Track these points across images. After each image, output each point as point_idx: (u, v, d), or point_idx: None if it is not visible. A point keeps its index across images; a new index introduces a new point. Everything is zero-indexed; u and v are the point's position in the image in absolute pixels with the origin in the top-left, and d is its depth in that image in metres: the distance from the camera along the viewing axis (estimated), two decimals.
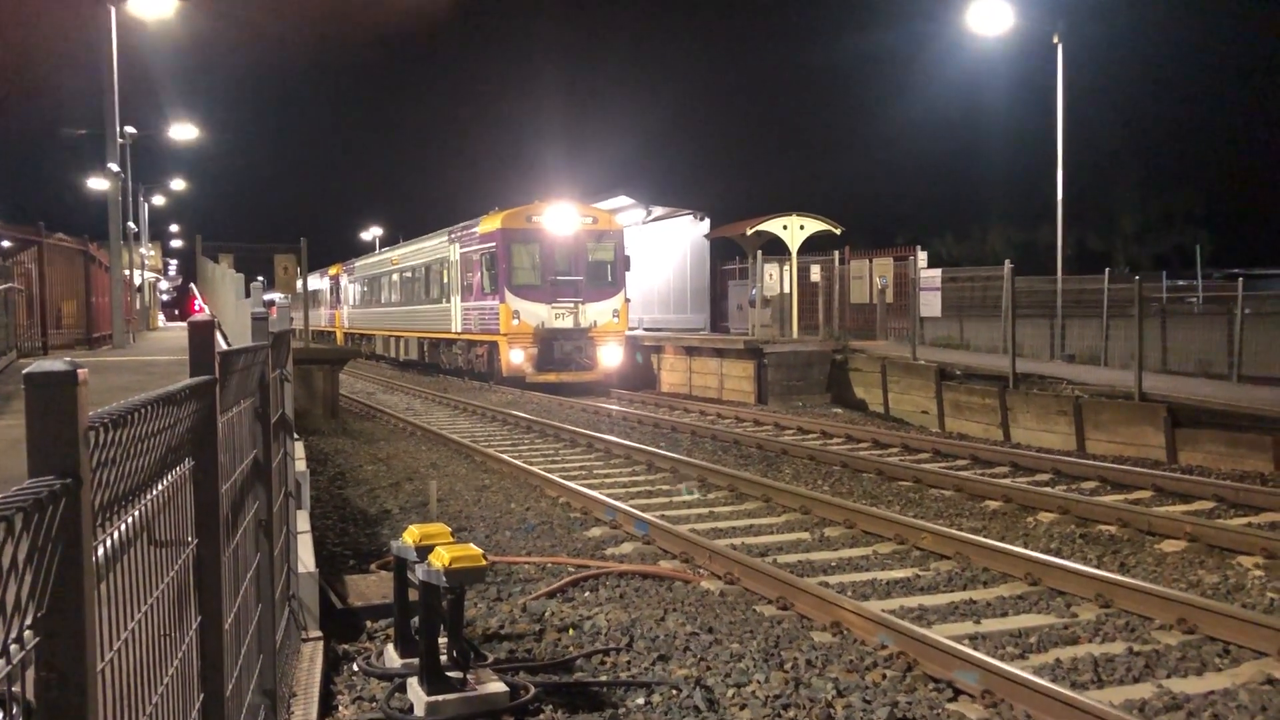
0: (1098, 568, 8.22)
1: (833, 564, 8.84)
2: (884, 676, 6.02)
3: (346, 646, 6.60)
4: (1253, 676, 5.98)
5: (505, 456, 14.72)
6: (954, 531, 9.35)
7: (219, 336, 3.52)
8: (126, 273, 25.65)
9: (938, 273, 24.05)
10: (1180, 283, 33.69)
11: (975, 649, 6.13)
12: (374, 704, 5.63)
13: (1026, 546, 9.02)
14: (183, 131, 33.43)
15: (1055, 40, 23.85)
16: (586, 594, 7.98)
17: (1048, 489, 11.59)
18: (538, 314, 26.62)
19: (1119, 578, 7.66)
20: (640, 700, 5.68)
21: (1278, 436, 13.10)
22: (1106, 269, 22.59)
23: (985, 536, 9.36)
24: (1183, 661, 6.25)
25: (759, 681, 5.85)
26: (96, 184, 34.39)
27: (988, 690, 5.62)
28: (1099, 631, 6.88)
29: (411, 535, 5.81)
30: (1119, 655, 6.36)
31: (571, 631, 6.90)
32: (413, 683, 5.53)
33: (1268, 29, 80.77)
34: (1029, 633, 6.85)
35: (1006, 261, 21.25)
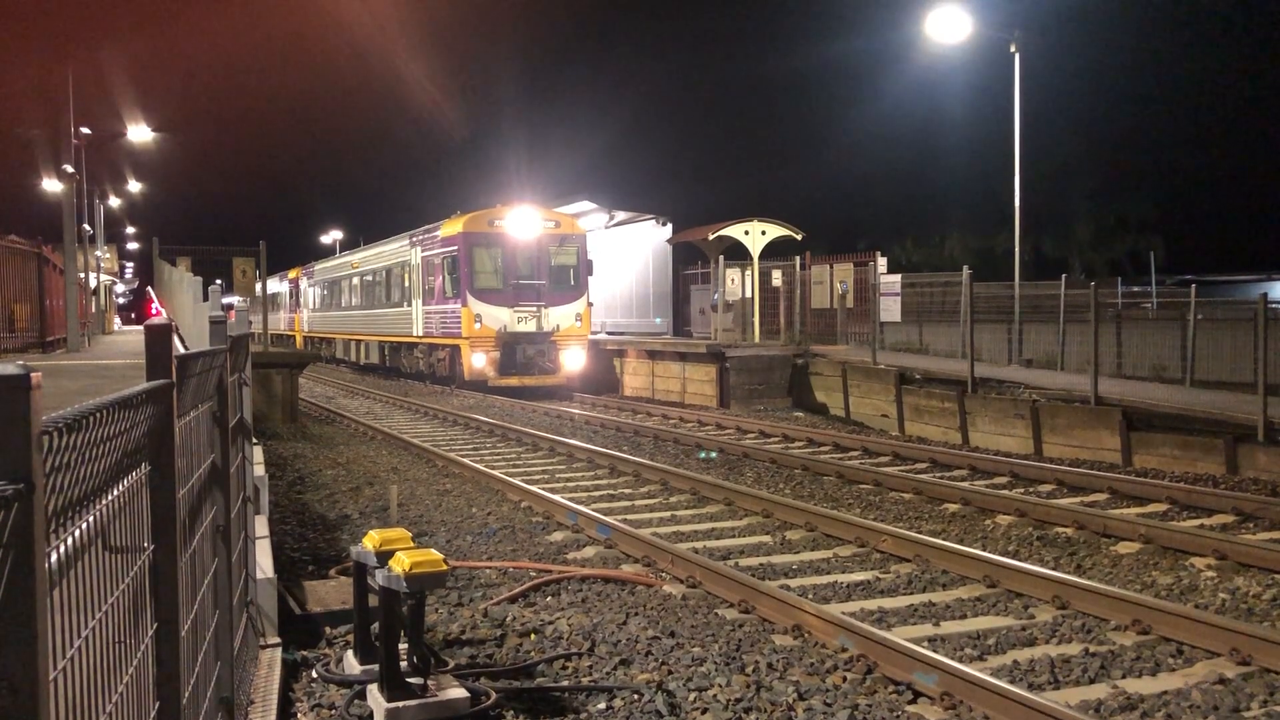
0: (1055, 570, 8.32)
1: (794, 567, 8.88)
2: (844, 679, 6.06)
3: (306, 653, 6.54)
4: (1205, 676, 6.08)
5: (467, 461, 14.66)
6: (913, 534, 9.42)
7: (176, 340, 3.48)
8: (81, 275, 25.27)
9: (897, 278, 24.23)
10: (1135, 288, 34.30)
11: (934, 651, 6.18)
12: (333, 711, 5.59)
13: (985, 549, 9.11)
14: (139, 133, 32.98)
15: (1013, 49, 24.14)
16: (548, 598, 7.96)
17: (1006, 492, 11.72)
18: (500, 318, 26.52)
19: (1075, 579, 7.76)
20: (602, 705, 5.67)
21: (1229, 439, 13.34)
22: (1063, 275, 22.88)
23: (944, 539, 9.45)
24: (1137, 662, 6.34)
25: (720, 685, 5.87)
26: (51, 186, 33.87)
27: (947, 692, 5.67)
28: (1056, 633, 6.97)
29: (371, 540, 5.76)
30: (1075, 656, 6.44)
31: (533, 636, 6.88)
32: (373, 689, 5.49)
33: (1218, 39, 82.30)
34: (987, 634, 6.92)
35: (965, 267, 21.47)
